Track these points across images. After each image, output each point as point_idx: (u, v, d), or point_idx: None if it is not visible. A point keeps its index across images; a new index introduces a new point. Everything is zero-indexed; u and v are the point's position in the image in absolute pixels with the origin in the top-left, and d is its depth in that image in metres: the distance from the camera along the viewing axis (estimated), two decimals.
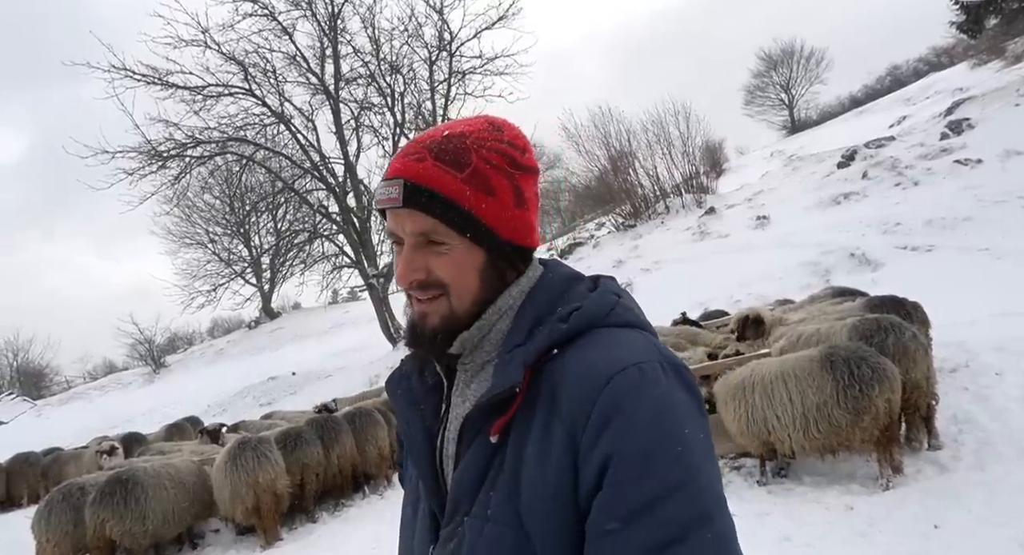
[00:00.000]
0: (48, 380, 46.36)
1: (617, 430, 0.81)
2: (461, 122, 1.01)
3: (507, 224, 0.98)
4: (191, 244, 34.57)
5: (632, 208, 20.94)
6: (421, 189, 0.93)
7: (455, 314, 0.98)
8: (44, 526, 6.04)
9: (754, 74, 48.62)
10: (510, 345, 0.94)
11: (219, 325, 47.05)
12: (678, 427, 0.82)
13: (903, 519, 4.15)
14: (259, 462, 6.29)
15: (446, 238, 0.95)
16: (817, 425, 4.51)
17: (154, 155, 15.83)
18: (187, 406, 19.66)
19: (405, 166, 0.95)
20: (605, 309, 0.96)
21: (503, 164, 0.97)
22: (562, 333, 0.91)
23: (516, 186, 0.99)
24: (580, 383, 0.86)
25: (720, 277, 12.47)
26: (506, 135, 1.00)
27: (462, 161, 0.95)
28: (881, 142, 17.77)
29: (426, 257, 0.96)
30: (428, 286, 0.97)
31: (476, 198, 0.94)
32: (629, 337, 0.93)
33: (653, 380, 0.85)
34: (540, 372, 0.90)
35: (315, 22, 17.83)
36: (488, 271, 0.99)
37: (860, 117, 34.30)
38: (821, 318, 5.81)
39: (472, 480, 0.91)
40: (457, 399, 1.01)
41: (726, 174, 26.29)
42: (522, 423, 0.89)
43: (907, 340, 4.72)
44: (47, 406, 33.86)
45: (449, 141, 0.96)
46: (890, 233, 12.08)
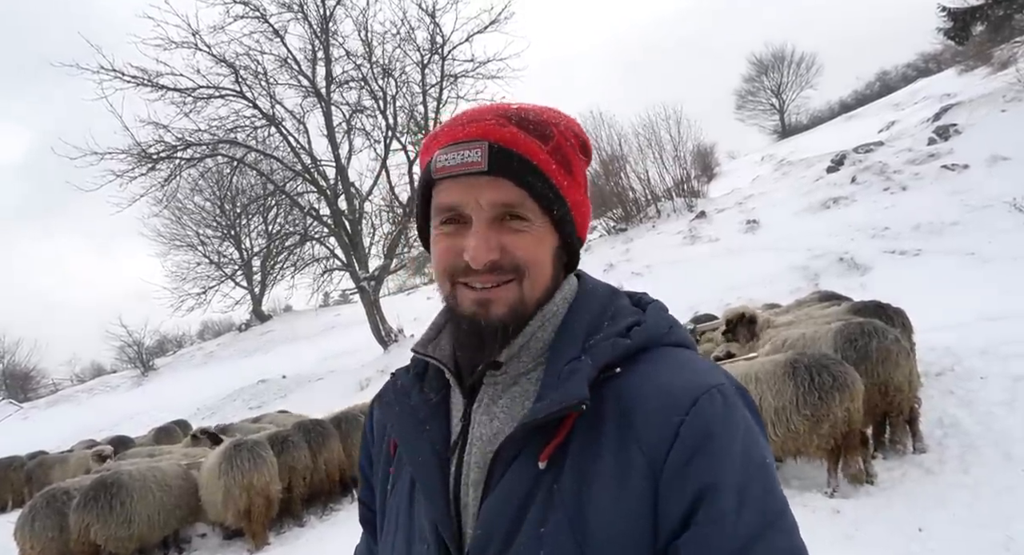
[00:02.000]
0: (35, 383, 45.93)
1: (711, 458, 0.75)
2: (518, 104, 0.91)
3: (579, 209, 0.90)
4: (181, 246, 34.35)
5: (623, 212, 21.01)
6: (512, 154, 0.82)
7: (525, 304, 0.86)
8: (28, 532, 5.97)
9: (745, 79, 48.99)
10: (564, 357, 0.84)
11: (209, 328, 46.75)
12: (763, 456, 0.78)
13: (888, 521, 4.18)
14: (255, 464, 6.24)
15: (530, 213, 0.84)
16: (775, 429, 4.55)
17: (144, 157, 15.73)
18: (176, 409, 19.49)
19: (487, 129, 0.84)
20: (664, 327, 0.89)
21: (577, 146, 0.90)
22: (626, 348, 0.83)
23: (584, 174, 0.92)
24: (661, 405, 0.78)
25: (710, 281, 12.52)
26: (573, 122, 0.92)
27: (546, 133, 0.86)
28: (870, 147, 17.93)
29: (501, 234, 0.84)
30: (501, 268, 0.84)
31: (560, 174, 0.86)
32: (692, 357, 0.87)
33: (734, 404, 0.80)
34: (599, 391, 0.81)
35: (307, 25, 17.80)
36: (556, 259, 0.89)
37: (850, 122, 34.57)
38: (808, 322, 5.84)
39: (511, 512, 0.80)
40: (482, 417, 0.87)
41: (717, 178, 26.41)
42: (583, 447, 0.79)
43: (889, 343, 4.76)
44: (33, 409, 33.50)
45: (525, 112, 0.87)
46: (878, 237, 12.18)
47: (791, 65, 46.68)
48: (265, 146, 18.43)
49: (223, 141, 17.29)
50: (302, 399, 16.24)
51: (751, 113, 49.65)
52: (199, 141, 16.73)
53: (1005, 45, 19.11)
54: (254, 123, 17.74)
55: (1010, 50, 19.05)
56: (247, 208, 24.67)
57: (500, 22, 17.60)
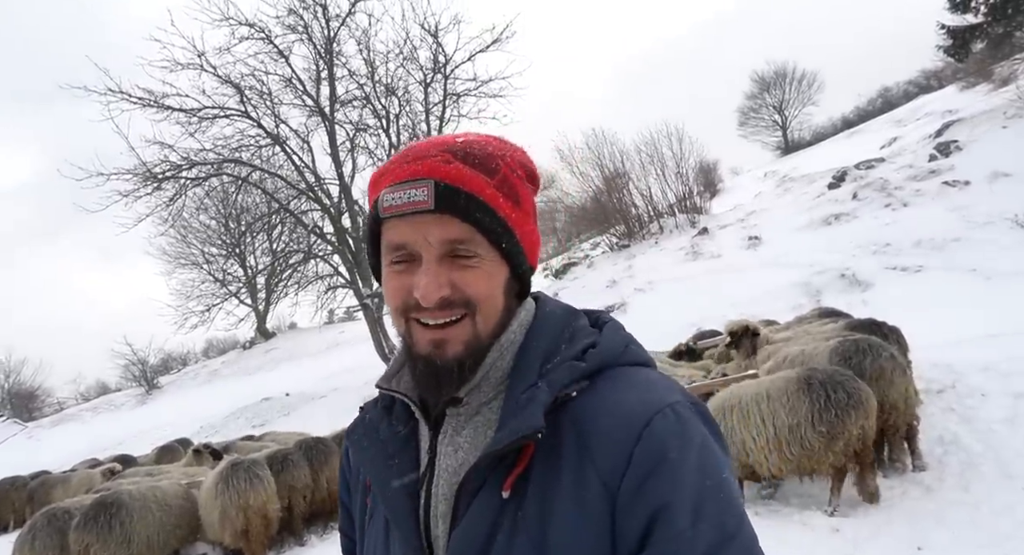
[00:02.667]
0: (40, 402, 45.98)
1: (664, 478, 0.75)
2: (467, 134, 0.92)
3: (528, 239, 0.90)
4: (186, 264, 34.58)
5: (626, 228, 21.07)
6: (458, 192, 0.82)
7: (480, 339, 0.86)
8: (28, 550, 5.98)
9: (748, 96, 49.28)
10: (522, 385, 0.83)
11: (214, 346, 46.84)
12: (719, 471, 0.77)
13: (888, 540, 4.15)
14: (251, 484, 6.22)
15: (479, 249, 0.84)
16: (790, 447, 4.52)
17: (149, 177, 15.89)
18: (179, 427, 19.48)
19: (432, 167, 0.84)
20: (620, 347, 0.89)
21: (524, 175, 0.91)
22: (581, 372, 0.83)
23: (532, 203, 0.93)
24: (614, 427, 0.78)
25: (712, 297, 12.53)
26: (518, 150, 0.93)
27: (491, 167, 0.86)
28: (871, 163, 17.99)
29: (451, 270, 0.84)
30: (452, 304, 0.84)
31: (508, 207, 0.86)
32: (649, 377, 0.86)
33: (690, 422, 0.79)
34: (556, 416, 0.81)
35: (311, 45, 18.04)
36: (507, 291, 0.89)
37: (852, 138, 34.68)
38: (805, 339, 5.85)
39: (478, 542, 0.80)
40: (447, 449, 0.88)
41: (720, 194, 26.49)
42: (544, 474, 0.80)
43: (884, 361, 4.76)
44: (38, 428, 33.49)
45: (471, 146, 0.87)
46: (880, 254, 12.19)
47: (793, 82, 47.00)
48: (269, 165, 18.59)
49: (228, 160, 17.46)
50: (305, 417, 16.22)
51: (754, 129, 49.94)
52: (204, 160, 16.90)
53: (1005, 62, 19.21)
54: (259, 142, 17.93)
55: (1010, 67, 19.14)
56: (252, 226, 24.83)
57: (502, 41, 17.81)
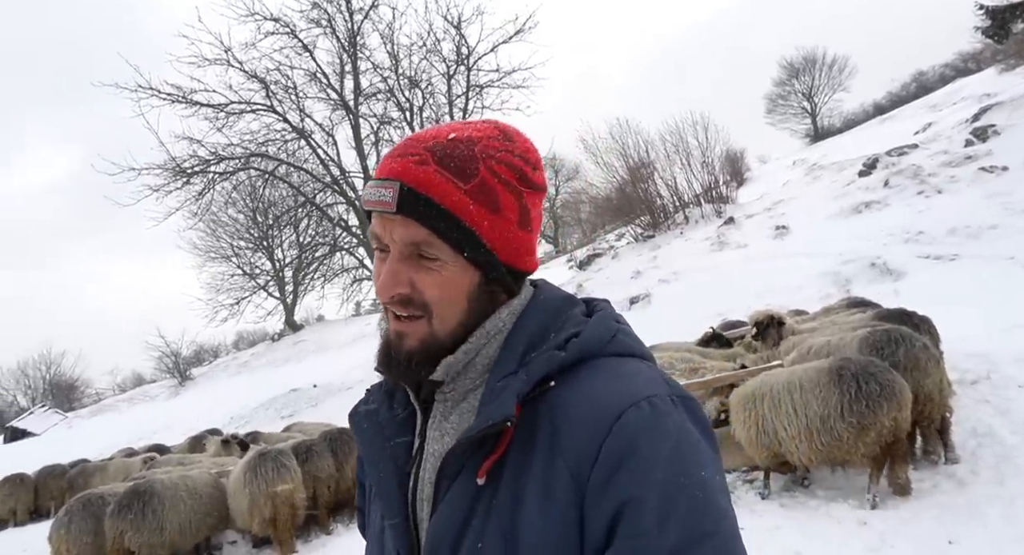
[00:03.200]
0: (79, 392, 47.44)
1: (632, 473, 0.73)
2: (468, 125, 0.90)
3: (508, 246, 0.88)
4: (216, 258, 35.19)
5: (651, 219, 20.88)
6: (419, 196, 0.83)
7: (436, 339, 0.87)
8: (64, 534, 6.15)
9: (776, 83, 48.37)
10: (500, 373, 0.84)
11: (244, 338, 47.78)
12: (697, 468, 0.75)
13: (917, 534, 4.07)
14: (278, 473, 6.33)
15: (439, 253, 0.85)
16: (820, 436, 4.44)
17: (178, 172, 16.18)
18: (211, 418, 19.91)
19: (404, 168, 0.85)
20: (606, 336, 0.87)
21: (512, 179, 0.88)
22: (560, 362, 0.82)
23: (523, 205, 0.89)
24: (586, 419, 0.77)
25: (738, 288, 12.34)
26: (518, 147, 0.90)
27: (468, 170, 0.85)
28: (903, 150, 17.53)
29: (412, 270, 0.86)
30: (410, 303, 0.86)
31: (479, 214, 0.85)
32: (634, 368, 0.85)
33: (666, 416, 0.77)
34: (535, 405, 0.81)
35: (335, 39, 18.15)
36: (479, 295, 0.89)
37: (884, 124, 33.83)
38: (833, 329, 5.73)
39: (452, 527, 0.81)
40: (434, 433, 0.89)
41: (747, 183, 26.08)
42: (517, 463, 0.79)
43: (918, 351, 4.64)
44: (77, 418, 34.56)
45: (455, 146, 0.86)
46: (912, 242, 11.88)
47: (823, 68, 46.00)
48: (295, 159, 18.79)
49: (255, 154, 17.69)
50: (332, 407, 16.43)
51: (782, 117, 49.04)
52: (231, 155, 17.14)
53: None
54: (284, 136, 18.12)
55: None
56: (279, 220, 25.16)
57: (525, 32, 17.71)
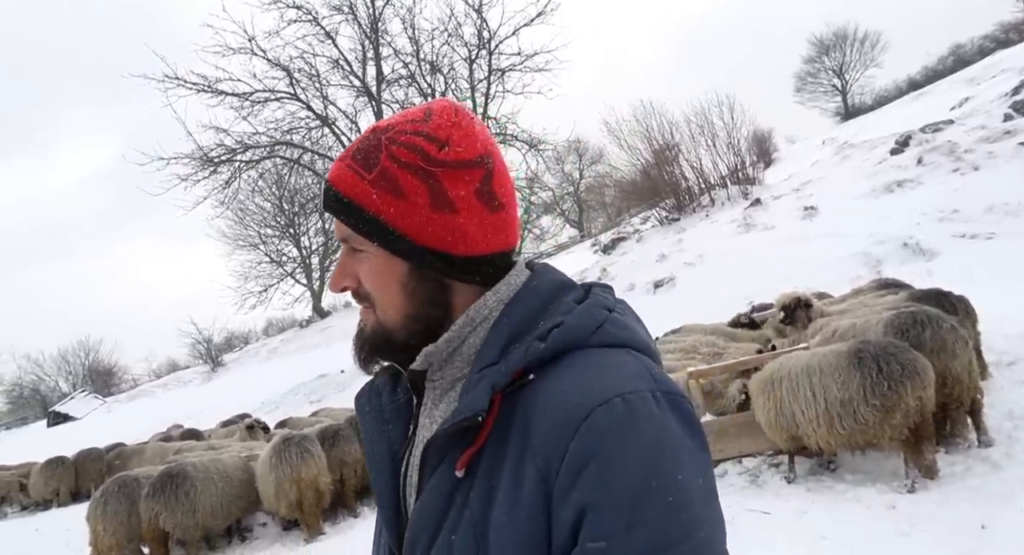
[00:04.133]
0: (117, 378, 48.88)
1: (596, 476, 0.70)
2: (405, 111, 0.92)
3: (423, 230, 0.85)
4: (244, 246, 35.77)
5: (676, 201, 20.62)
6: (333, 193, 0.88)
7: (383, 327, 0.90)
8: (100, 514, 6.35)
9: (805, 60, 47.26)
10: (480, 364, 0.83)
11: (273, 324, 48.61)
12: (671, 471, 0.70)
13: (948, 518, 3.97)
14: (303, 458, 6.45)
15: (362, 246, 0.88)
16: (841, 421, 4.36)
17: (206, 161, 16.42)
18: (243, 403, 20.33)
19: (333, 168, 0.91)
20: (591, 326, 0.83)
21: (415, 161, 0.85)
22: (538, 354, 0.79)
23: (434, 186, 0.85)
24: (554, 417, 0.74)
25: (765, 270, 12.15)
26: (429, 125, 0.87)
27: (371, 161, 0.86)
28: (938, 126, 17.00)
29: (353, 264, 0.90)
30: (358, 296, 0.91)
31: (383, 201, 0.85)
32: (617, 360, 0.80)
33: (642, 414, 0.72)
34: (515, 398, 0.79)
35: (356, 25, 18.19)
36: (415, 283, 0.88)
37: (919, 100, 32.79)
38: (861, 311, 5.60)
39: (431, 517, 0.81)
40: (424, 420, 0.90)
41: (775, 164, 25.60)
42: (493, 457, 0.78)
43: (945, 333, 4.52)
44: (116, 403, 35.61)
45: (368, 138, 0.89)
46: (947, 221, 11.56)
47: (854, 44, 44.80)
48: (319, 146, 18.94)
49: (280, 143, 17.87)
50: None
51: (811, 95, 47.98)
52: (257, 143, 17.35)
53: None
54: (308, 124, 18.27)
55: None
56: (304, 207, 25.43)
57: (546, 14, 17.55)
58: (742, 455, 5.47)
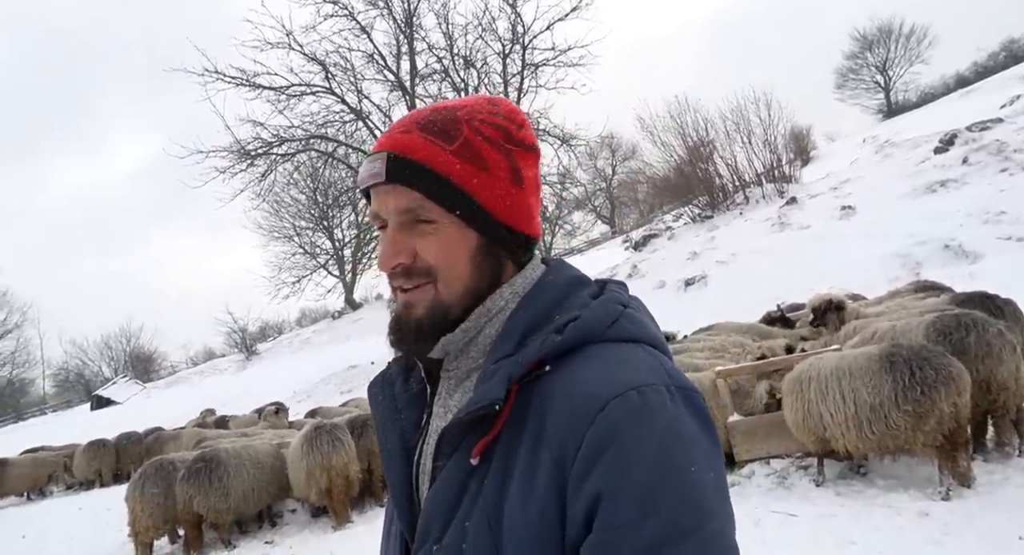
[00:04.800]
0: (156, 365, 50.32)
1: (611, 465, 0.71)
2: (456, 100, 0.94)
3: (502, 203, 0.89)
4: (279, 238, 36.40)
5: (709, 199, 20.35)
6: (406, 161, 0.86)
7: (443, 304, 0.88)
8: (138, 496, 6.56)
9: (847, 56, 46.14)
10: (497, 355, 0.84)
11: (306, 315, 49.48)
12: (684, 463, 0.72)
13: (984, 528, 3.87)
14: (333, 446, 6.56)
15: (434, 216, 0.86)
16: (871, 426, 4.26)
17: (243, 154, 16.75)
18: (275, 392, 20.74)
19: (390, 140, 0.88)
20: (607, 320, 0.84)
21: (498, 137, 0.89)
22: (555, 346, 0.80)
23: (513, 163, 0.90)
24: (570, 408, 0.75)
25: (799, 270, 11.94)
26: (502, 109, 0.92)
27: (451, 132, 0.87)
28: (986, 124, 16.46)
29: (412, 238, 0.87)
30: (413, 272, 0.87)
31: (467, 172, 0.86)
32: (632, 355, 0.82)
33: (657, 407, 0.74)
34: (530, 389, 0.80)
35: (391, 20, 18.32)
36: (482, 257, 0.89)
37: (967, 98, 31.78)
38: (900, 313, 5.47)
39: (445, 504, 0.82)
40: (439, 410, 0.91)
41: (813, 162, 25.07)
42: (508, 446, 0.79)
43: (991, 337, 4.37)
44: (155, 389, 36.68)
45: (438, 113, 0.90)
46: (992, 223, 11.20)
47: (899, 39, 43.56)
48: (353, 140, 19.14)
49: (315, 136, 18.12)
50: None
51: (853, 92, 46.88)
52: (292, 137, 17.62)
53: None
54: (343, 118, 18.48)
55: None
56: (337, 200, 25.74)
57: (581, 8, 17.44)
58: (770, 456, 5.41)
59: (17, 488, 12.66)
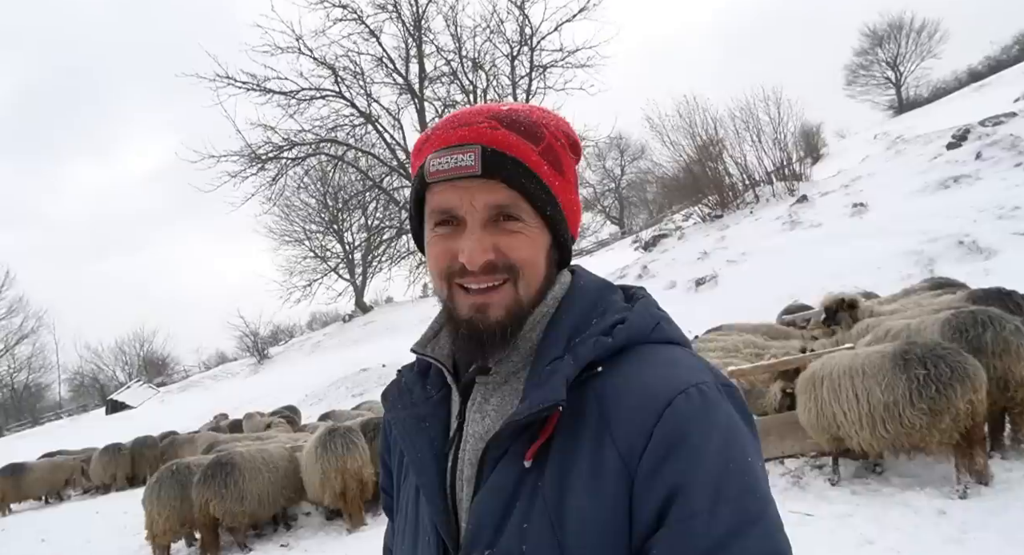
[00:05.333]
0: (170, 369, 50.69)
1: (683, 459, 0.74)
2: (513, 105, 0.93)
3: (571, 208, 0.92)
4: (289, 241, 36.60)
5: (719, 198, 20.28)
6: (505, 157, 0.84)
7: (521, 305, 0.87)
8: (155, 499, 6.63)
9: (857, 52, 45.78)
10: (547, 358, 0.85)
11: (317, 318, 49.70)
12: (743, 454, 0.76)
13: (1002, 527, 3.84)
14: (348, 449, 6.60)
15: (524, 214, 0.86)
16: (885, 424, 4.24)
17: (254, 158, 16.84)
18: (288, 395, 20.86)
19: (478, 133, 0.85)
20: (651, 323, 0.88)
21: (568, 145, 0.93)
22: (607, 348, 0.83)
23: (575, 171, 0.95)
24: (636, 405, 0.78)
25: (811, 268, 11.87)
26: (562, 120, 0.94)
27: (537, 134, 0.88)
28: (1000, 119, 16.31)
29: (496, 236, 0.86)
30: (496, 269, 0.86)
31: (551, 174, 0.88)
32: (678, 355, 0.85)
33: (715, 403, 0.78)
34: (581, 390, 0.82)
35: (400, 23, 18.34)
36: (550, 259, 0.91)
37: (980, 92, 31.48)
38: (915, 311, 5.43)
39: (496, 508, 0.82)
40: (475, 415, 0.89)
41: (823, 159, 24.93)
42: (564, 446, 0.80)
43: (1008, 334, 4.34)
44: (168, 393, 36.95)
45: (517, 113, 0.89)
46: (1007, 218, 11.09)
47: (910, 34, 43.16)
48: (363, 143, 19.19)
49: (324, 140, 18.18)
50: None
51: (863, 88, 46.47)
52: (303, 141, 17.68)
53: None
54: (352, 122, 18.52)
55: None
56: (347, 203, 25.83)
57: (589, 9, 17.40)
58: (784, 456, 5.39)
59: (35, 492, 12.82)
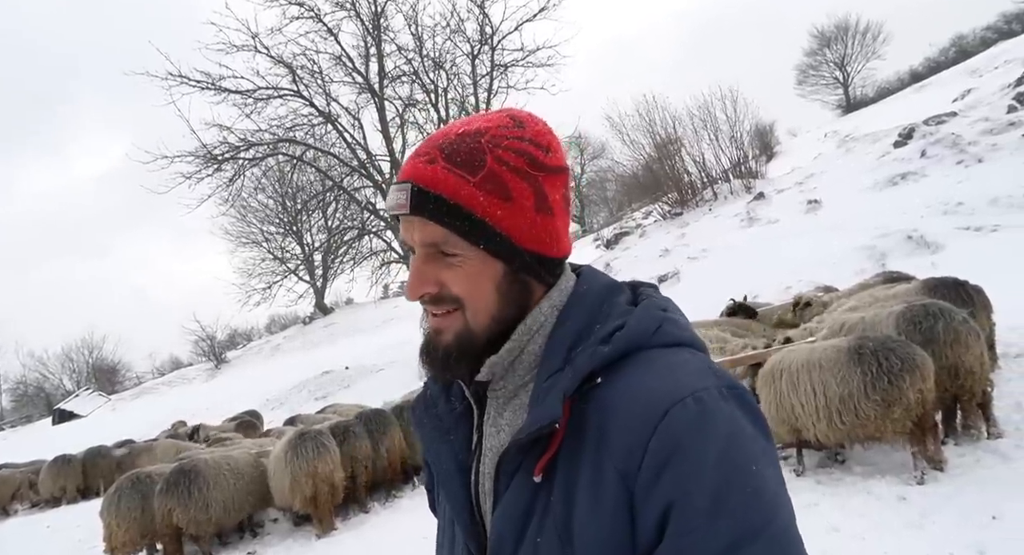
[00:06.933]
0: (121, 376, 49.02)
1: (679, 472, 0.72)
2: (480, 118, 0.91)
3: (527, 232, 0.88)
4: (247, 243, 35.80)
5: (678, 196, 20.63)
6: (429, 195, 0.85)
7: (471, 332, 0.89)
8: (114, 511, 6.41)
9: (806, 53, 47.06)
10: (547, 371, 0.85)
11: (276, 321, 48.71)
12: (747, 462, 0.73)
13: (959, 510, 4.01)
14: (318, 453, 6.51)
15: (458, 249, 0.86)
16: (841, 416, 4.42)
17: (209, 158, 16.40)
18: (247, 400, 20.39)
19: (415, 169, 0.87)
20: (652, 327, 0.85)
21: (522, 165, 0.87)
22: (604, 357, 0.82)
23: (538, 189, 0.88)
24: (631, 417, 0.77)
25: (770, 264, 12.18)
26: (527, 132, 0.89)
27: (475, 163, 0.85)
28: (941, 118, 16.97)
29: (438, 269, 0.87)
30: (441, 300, 0.88)
31: (491, 204, 0.85)
32: (680, 359, 0.83)
33: (713, 410, 0.75)
34: (584, 402, 0.81)
35: (359, 22, 18.09)
36: (508, 285, 0.89)
37: (921, 92, 32.67)
38: (870, 305, 5.63)
39: (514, 522, 0.83)
40: (491, 429, 0.91)
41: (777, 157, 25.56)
42: (569, 460, 0.80)
43: (958, 324, 4.55)
44: (120, 401, 35.69)
45: (462, 140, 0.87)
46: (951, 214, 11.57)
47: (855, 35, 44.59)
48: (322, 143, 18.89)
49: (283, 140, 17.83)
50: (364, 389, 16.71)
51: (813, 88, 47.75)
52: (260, 141, 17.30)
53: None
54: (311, 121, 18.21)
55: None
56: (307, 204, 25.40)
57: (549, 9, 17.48)
58: None
59: None
